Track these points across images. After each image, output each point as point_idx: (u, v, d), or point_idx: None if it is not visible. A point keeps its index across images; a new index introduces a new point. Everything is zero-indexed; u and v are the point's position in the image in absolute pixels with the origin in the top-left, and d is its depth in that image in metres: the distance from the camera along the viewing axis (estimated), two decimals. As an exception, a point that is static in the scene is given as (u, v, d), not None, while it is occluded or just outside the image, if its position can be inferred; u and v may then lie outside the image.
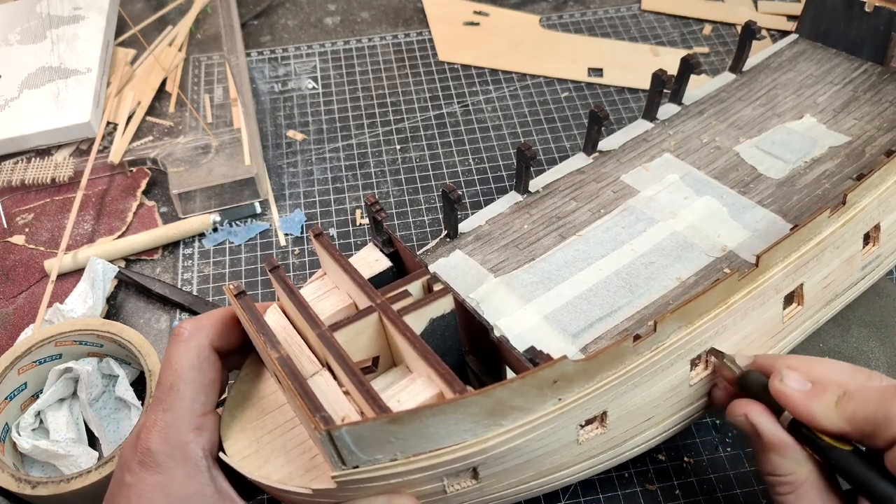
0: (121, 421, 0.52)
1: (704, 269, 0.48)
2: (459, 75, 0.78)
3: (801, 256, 0.43)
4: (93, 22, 0.78)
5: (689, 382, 0.41)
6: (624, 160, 0.57)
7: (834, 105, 0.59)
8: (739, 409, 0.38)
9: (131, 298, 0.60)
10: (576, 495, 0.47)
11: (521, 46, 0.81)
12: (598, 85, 0.76)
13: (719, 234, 0.50)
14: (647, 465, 0.48)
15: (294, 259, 0.62)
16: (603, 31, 0.82)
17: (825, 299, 0.47)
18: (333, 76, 0.79)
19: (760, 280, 0.42)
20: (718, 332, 0.41)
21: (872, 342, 0.51)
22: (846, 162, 0.54)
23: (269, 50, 0.82)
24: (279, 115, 0.75)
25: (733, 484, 0.47)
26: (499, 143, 0.71)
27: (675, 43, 0.81)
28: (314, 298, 0.44)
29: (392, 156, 0.70)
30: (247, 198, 0.65)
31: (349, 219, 0.65)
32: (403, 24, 0.85)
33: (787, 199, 0.52)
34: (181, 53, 0.79)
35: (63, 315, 0.54)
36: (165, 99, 0.75)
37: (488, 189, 0.67)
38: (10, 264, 0.62)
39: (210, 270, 0.61)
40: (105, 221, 0.65)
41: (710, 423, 0.50)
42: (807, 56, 0.64)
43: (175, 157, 0.67)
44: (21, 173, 0.67)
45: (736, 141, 0.57)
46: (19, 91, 0.71)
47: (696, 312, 0.39)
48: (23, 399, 0.51)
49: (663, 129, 0.59)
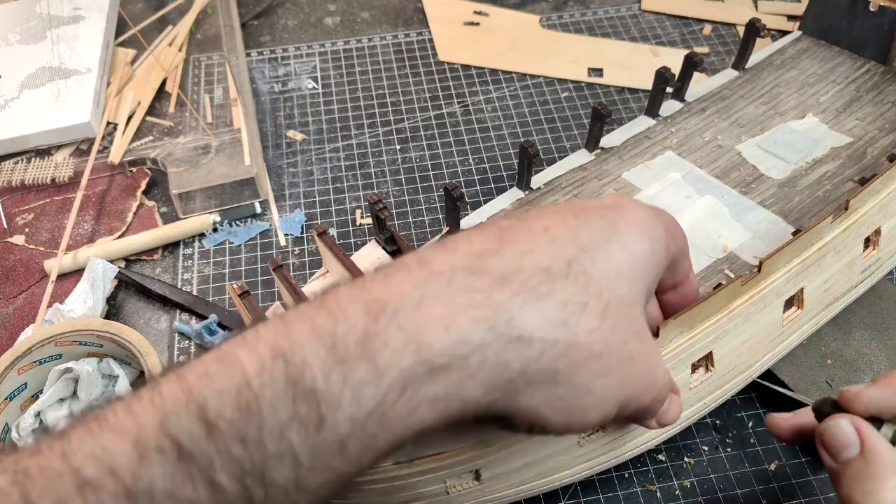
0: (121, 421, 0.52)
1: (705, 270, 0.48)
2: (459, 75, 0.78)
3: (802, 261, 0.43)
4: (93, 22, 0.78)
5: (689, 386, 0.41)
6: (626, 157, 0.57)
7: (836, 105, 0.59)
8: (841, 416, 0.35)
9: (131, 298, 0.60)
10: (576, 495, 0.47)
11: (521, 46, 0.81)
12: (598, 85, 0.76)
13: (720, 234, 0.50)
14: (647, 465, 0.48)
15: (294, 259, 0.62)
16: (603, 31, 0.82)
17: (825, 302, 0.47)
18: (333, 76, 0.79)
19: (762, 285, 0.42)
20: (719, 337, 0.41)
21: (874, 344, 0.51)
22: (847, 163, 0.54)
23: (269, 50, 0.82)
24: (279, 115, 0.75)
25: (733, 484, 0.47)
26: (499, 143, 0.71)
27: (675, 43, 0.81)
28: (316, 297, 0.44)
29: (392, 156, 0.70)
30: (247, 198, 0.65)
31: (349, 219, 0.65)
32: (403, 24, 0.85)
33: (788, 200, 0.52)
34: (181, 53, 0.79)
35: (63, 315, 0.54)
36: (165, 99, 0.75)
37: (488, 189, 0.67)
38: (10, 264, 0.62)
39: (210, 270, 0.61)
40: (105, 221, 0.65)
41: (710, 423, 0.50)
42: (810, 54, 0.64)
43: (175, 157, 0.67)
44: (21, 173, 0.67)
45: (738, 139, 0.57)
46: (19, 91, 0.71)
47: (699, 318, 0.39)
48: (23, 399, 0.51)
49: (665, 126, 0.59)
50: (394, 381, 0.24)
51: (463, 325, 0.25)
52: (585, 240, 0.28)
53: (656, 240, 0.31)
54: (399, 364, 0.24)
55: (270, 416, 0.24)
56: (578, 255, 0.28)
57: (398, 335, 0.25)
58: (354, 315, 0.25)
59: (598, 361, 0.28)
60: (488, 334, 0.26)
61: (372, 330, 0.25)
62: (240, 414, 0.23)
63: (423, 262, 0.27)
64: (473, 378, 0.26)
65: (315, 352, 0.24)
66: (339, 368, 0.24)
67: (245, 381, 0.24)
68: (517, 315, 0.26)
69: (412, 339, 0.25)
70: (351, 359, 0.24)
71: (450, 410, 0.26)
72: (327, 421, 0.24)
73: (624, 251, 0.29)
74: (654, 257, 0.30)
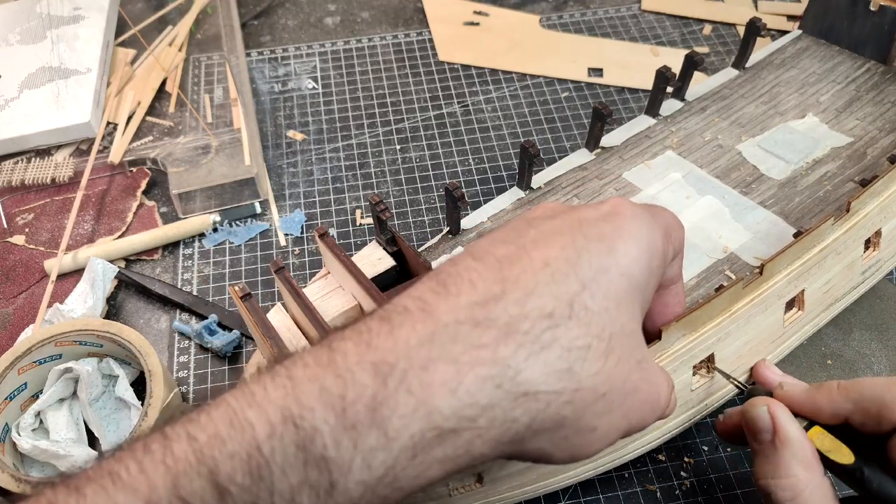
0: (121, 421, 0.52)
1: (706, 271, 0.48)
2: (459, 75, 0.78)
3: (804, 263, 0.43)
4: (93, 22, 0.78)
5: (690, 387, 0.41)
6: (626, 157, 0.57)
7: (836, 104, 0.59)
8: (761, 401, 0.37)
9: (131, 298, 0.60)
10: (576, 495, 0.47)
11: (521, 46, 0.81)
12: (598, 85, 0.76)
13: (721, 234, 0.50)
14: (647, 465, 0.48)
15: (294, 259, 0.62)
16: (603, 31, 0.82)
17: (825, 304, 0.47)
18: (333, 76, 0.79)
19: (764, 287, 0.42)
20: (721, 339, 0.41)
21: (874, 345, 0.51)
22: (847, 164, 0.54)
23: (269, 50, 0.82)
24: (279, 115, 0.75)
25: (733, 484, 0.47)
26: (499, 143, 0.71)
27: (675, 43, 0.81)
28: (318, 298, 0.44)
29: (392, 156, 0.70)
30: (247, 198, 0.65)
31: (349, 219, 0.65)
32: (403, 24, 0.85)
33: (788, 201, 0.52)
34: (181, 53, 0.79)
35: (63, 315, 0.54)
36: (165, 99, 0.75)
37: (488, 189, 0.67)
38: (10, 264, 0.62)
39: (210, 270, 0.61)
40: (105, 221, 0.65)
41: (710, 423, 0.50)
42: (810, 53, 0.64)
43: (175, 157, 0.67)
44: (21, 173, 0.67)
45: (738, 139, 0.57)
46: (19, 91, 0.71)
47: (701, 320, 0.39)
48: (23, 399, 0.51)
49: (666, 125, 0.59)
50: (404, 447, 0.25)
51: (470, 386, 0.26)
52: (585, 270, 0.28)
53: (654, 252, 0.31)
54: (409, 430, 0.25)
55: (281, 482, 0.24)
56: (579, 292, 0.28)
57: (407, 400, 0.25)
58: (362, 377, 0.25)
59: (602, 401, 0.28)
60: (495, 392, 0.26)
61: (381, 395, 0.25)
62: (251, 479, 0.24)
63: (426, 310, 0.27)
64: (482, 437, 0.26)
65: (324, 417, 0.24)
66: (350, 434, 0.24)
67: (255, 445, 0.24)
68: (523, 370, 0.26)
69: (421, 403, 0.25)
70: (361, 425, 0.24)
71: (458, 466, 0.26)
72: (339, 486, 0.24)
73: (622, 277, 0.29)
74: (651, 272, 0.31)
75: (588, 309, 0.28)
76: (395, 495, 0.25)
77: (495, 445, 0.26)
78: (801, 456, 0.35)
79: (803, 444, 0.35)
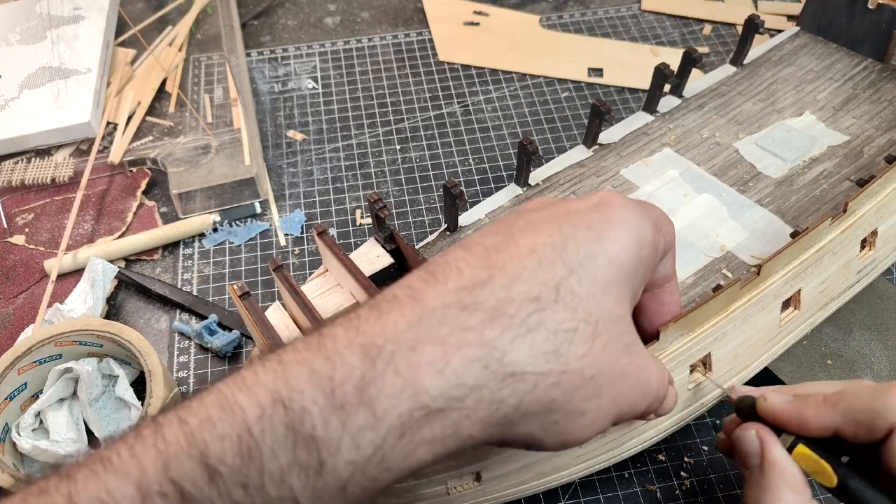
0: (121, 421, 0.52)
1: (703, 270, 0.48)
2: (459, 75, 0.78)
3: (800, 263, 0.43)
4: (93, 22, 0.78)
5: (687, 387, 0.42)
6: (624, 154, 0.57)
7: (833, 102, 0.59)
8: (750, 426, 0.37)
9: (131, 298, 0.60)
10: (576, 495, 0.47)
11: (521, 46, 0.81)
12: (598, 85, 0.76)
13: (718, 232, 0.50)
14: (647, 465, 0.48)
15: (294, 259, 0.62)
16: (603, 31, 0.82)
17: (821, 303, 0.47)
18: (333, 76, 0.79)
19: (761, 288, 0.42)
20: (718, 339, 0.41)
21: (874, 345, 0.51)
22: (844, 162, 0.54)
23: (269, 50, 0.82)
24: (279, 115, 0.75)
25: (733, 484, 0.47)
26: (499, 142, 0.71)
27: (675, 43, 0.81)
28: (317, 296, 0.44)
29: (392, 156, 0.70)
30: (247, 198, 0.65)
31: (349, 219, 0.65)
32: (403, 24, 0.85)
33: (785, 199, 0.52)
34: (181, 53, 0.79)
35: (63, 315, 0.54)
36: (165, 99, 0.75)
37: (488, 189, 0.67)
38: (10, 264, 0.62)
39: (210, 270, 0.62)
40: (105, 221, 0.65)
41: (710, 423, 0.50)
42: (808, 50, 0.64)
43: (175, 157, 0.67)
44: (21, 173, 0.67)
45: (736, 137, 0.57)
46: (19, 91, 0.72)
47: (698, 321, 0.39)
48: (23, 399, 0.51)
49: (663, 122, 0.59)
50: (392, 426, 0.25)
51: (457, 366, 0.26)
52: (572, 256, 0.28)
53: (644, 242, 0.31)
54: (396, 409, 0.25)
55: (271, 462, 0.24)
56: (566, 277, 0.28)
57: (395, 380, 0.25)
58: (351, 359, 0.25)
59: (590, 384, 0.28)
60: (482, 373, 0.26)
61: (369, 376, 0.25)
62: (241, 460, 0.24)
63: (414, 296, 0.27)
64: (470, 417, 0.26)
65: (313, 398, 0.25)
66: (338, 415, 0.24)
67: (245, 427, 0.24)
68: (509, 351, 0.26)
69: (408, 383, 0.25)
70: (349, 405, 0.25)
71: (447, 448, 0.26)
72: (327, 465, 0.24)
73: (610, 264, 0.29)
74: (640, 261, 0.31)
75: (575, 293, 0.28)
76: (385, 476, 0.25)
77: (484, 427, 0.27)
78: (790, 480, 0.34)
79: (791, 468, 0.35)
